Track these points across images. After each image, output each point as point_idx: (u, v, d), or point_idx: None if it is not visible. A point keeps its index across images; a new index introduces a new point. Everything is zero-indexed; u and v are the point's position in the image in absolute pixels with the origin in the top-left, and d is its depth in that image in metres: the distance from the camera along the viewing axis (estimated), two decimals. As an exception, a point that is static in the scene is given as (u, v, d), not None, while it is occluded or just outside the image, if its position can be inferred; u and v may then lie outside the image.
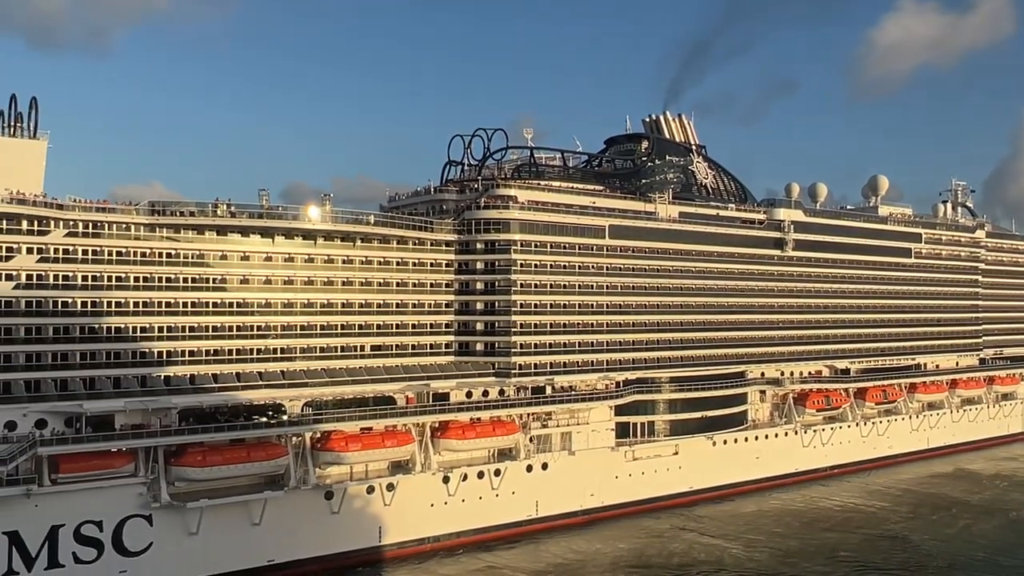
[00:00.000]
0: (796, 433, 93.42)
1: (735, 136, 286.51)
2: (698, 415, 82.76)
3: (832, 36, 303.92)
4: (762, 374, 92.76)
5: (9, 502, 50.56)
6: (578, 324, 78.13)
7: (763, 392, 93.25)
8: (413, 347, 71.70)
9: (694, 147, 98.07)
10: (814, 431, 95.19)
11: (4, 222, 54.74)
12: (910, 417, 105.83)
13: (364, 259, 69.47)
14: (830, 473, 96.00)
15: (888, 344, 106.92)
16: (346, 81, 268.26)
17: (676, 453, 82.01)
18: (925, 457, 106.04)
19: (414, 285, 72.15)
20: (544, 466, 73.29)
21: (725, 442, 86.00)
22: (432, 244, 73.17)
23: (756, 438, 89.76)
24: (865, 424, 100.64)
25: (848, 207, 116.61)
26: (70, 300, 56.87)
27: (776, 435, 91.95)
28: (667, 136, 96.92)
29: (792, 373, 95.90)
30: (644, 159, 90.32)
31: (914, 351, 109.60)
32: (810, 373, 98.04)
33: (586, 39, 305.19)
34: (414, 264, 72.30)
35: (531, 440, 73.06)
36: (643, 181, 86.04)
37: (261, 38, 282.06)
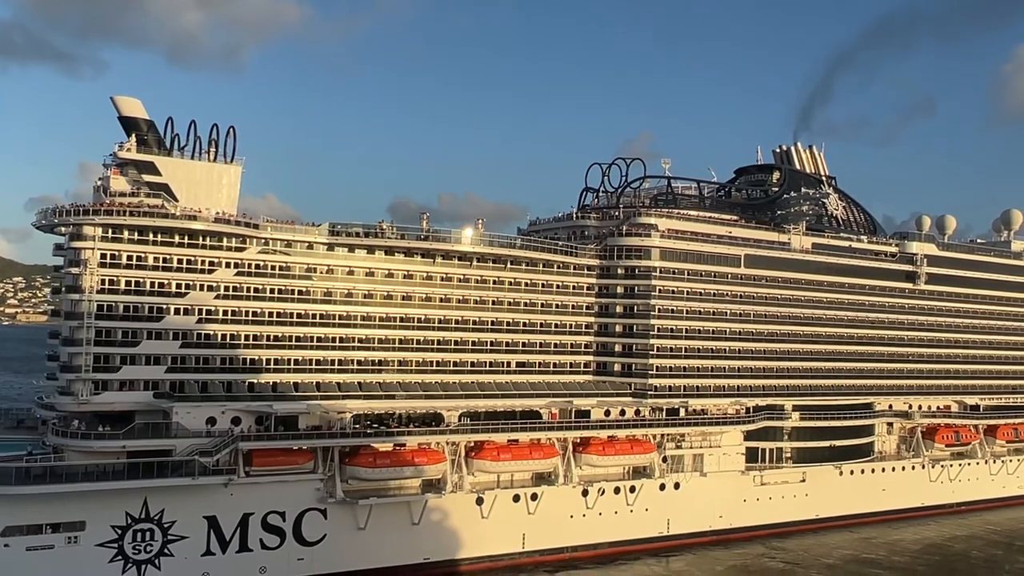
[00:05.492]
0: (923, 467, 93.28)
1: (863, 158, 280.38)
2: (826, 444, 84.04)
3: (976, 54, 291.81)
4: (890, 406, 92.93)
5: (211, 490, 56.66)
6: (712, 349, 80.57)
7: (890, 424, 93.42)
8: (554, 365, 75.57)
9: (825, 178, 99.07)
10: (942, 466, 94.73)
11: (209, 239, 61.33)
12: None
13: (512, 280, 73.76)
14: (957, 510, 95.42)
15: (1021, 381, 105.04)
16: (455, 99, 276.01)
17: (803, 480, 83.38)
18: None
19: (557, 306, 76.04)
20: (676, 485, 75.93)
21: (852, 472, 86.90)
22: (575, 268, 76.99)
23: (883, 470, 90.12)
24: (995, 462, 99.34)
25: (978, 240, 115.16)
26: (259, 310, 63.01)
27: (903, 468, 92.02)
28: (798, 167, 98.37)
29: (920, 406, 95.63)
30: (776, 190, 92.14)
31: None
32: (939, 407, 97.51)
33: (714, 68, 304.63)
34: (558, 287, 76.20)
35: (664, 460, 75.84)
36: (779, 212, 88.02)
37: (380, 58, 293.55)
